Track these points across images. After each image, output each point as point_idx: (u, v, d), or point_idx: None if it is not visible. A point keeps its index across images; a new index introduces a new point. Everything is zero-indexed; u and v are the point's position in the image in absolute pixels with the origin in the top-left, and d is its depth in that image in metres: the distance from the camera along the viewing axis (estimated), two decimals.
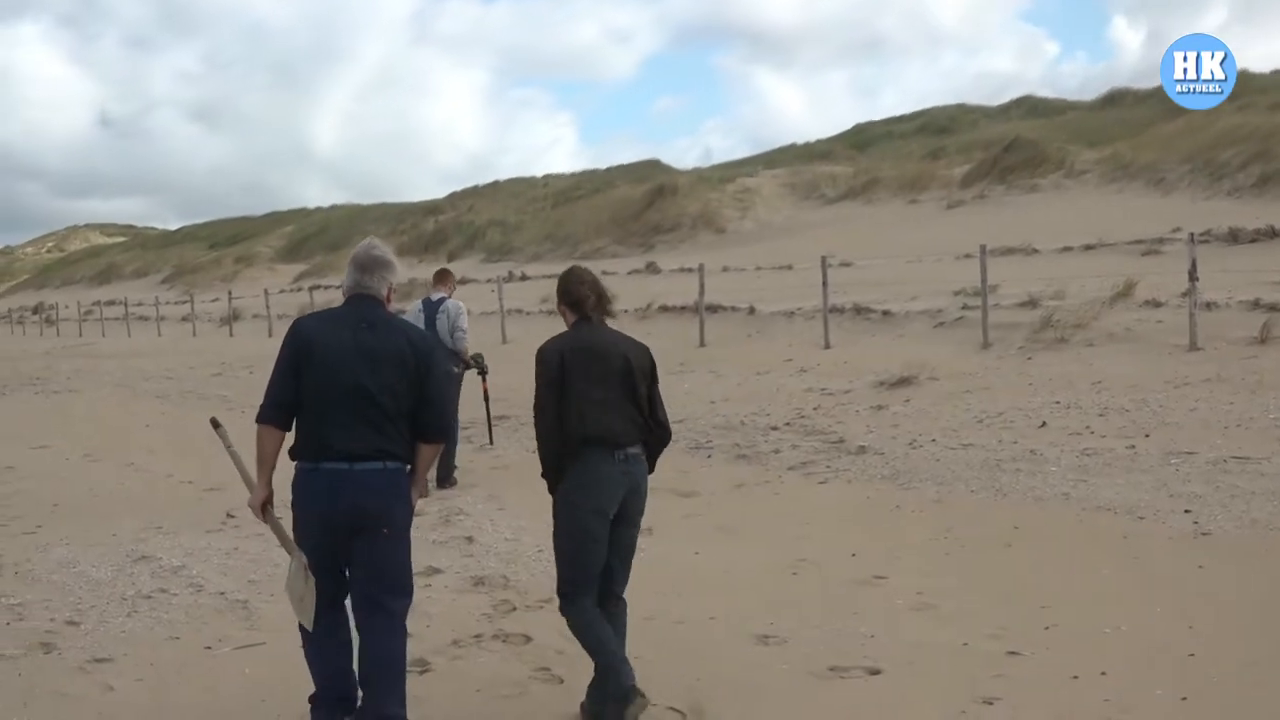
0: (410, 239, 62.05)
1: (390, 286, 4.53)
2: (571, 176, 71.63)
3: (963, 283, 18.71)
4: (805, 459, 10.03)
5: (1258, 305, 14.37)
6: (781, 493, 8.97)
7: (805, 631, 5.57)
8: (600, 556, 4.56)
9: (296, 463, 4.34)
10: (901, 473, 9.22)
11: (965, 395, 12.46)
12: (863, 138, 62.53)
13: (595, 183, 64.43)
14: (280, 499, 4.43)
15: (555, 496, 4.60)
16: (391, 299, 4.57)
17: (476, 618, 6.00)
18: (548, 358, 4.55)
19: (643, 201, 50.42)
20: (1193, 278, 13.92)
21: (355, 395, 4.24)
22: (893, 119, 66.73)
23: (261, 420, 4.33)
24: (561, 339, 4.62)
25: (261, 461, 4.36)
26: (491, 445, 11.01)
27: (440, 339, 9.64)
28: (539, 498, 4.78)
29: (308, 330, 4.38)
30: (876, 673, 5.01)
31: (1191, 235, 15.13)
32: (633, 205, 50.85)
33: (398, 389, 4.30)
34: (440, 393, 4.52)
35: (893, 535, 7.42)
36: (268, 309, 35.90)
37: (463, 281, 11.56)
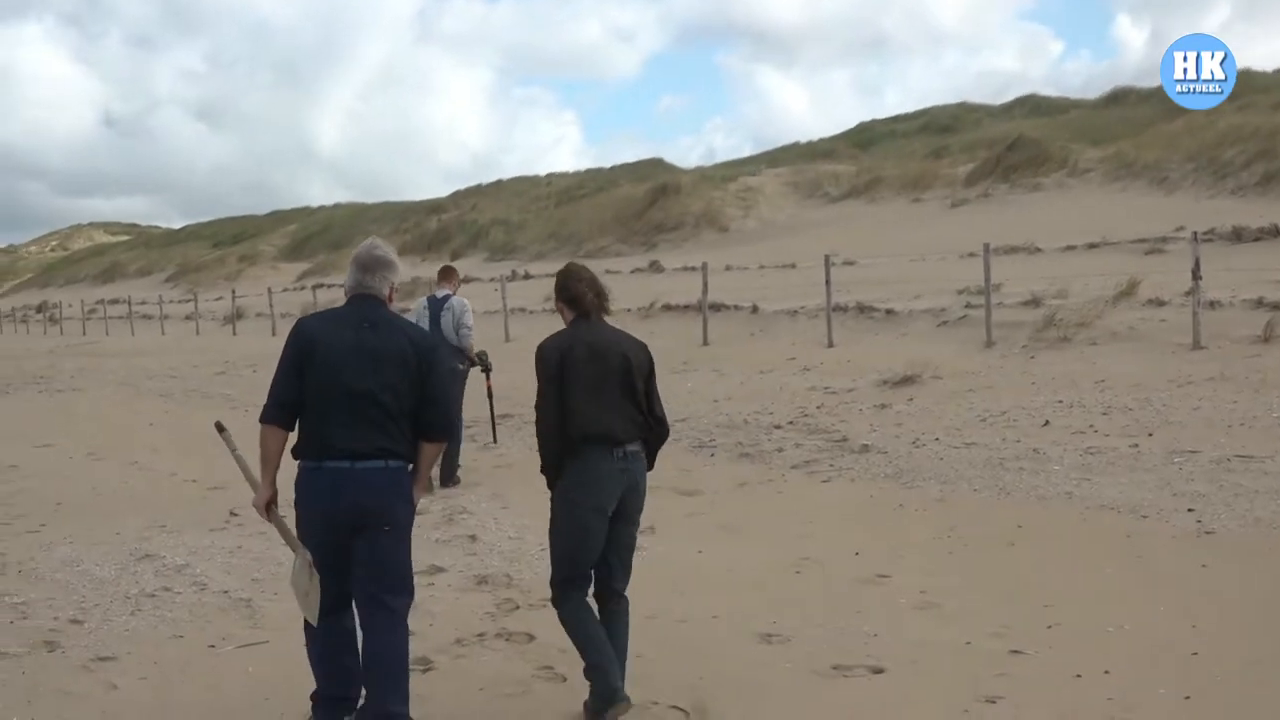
0: (413, 238, 62.11)
1: (392, 286, 4.54)
2: (575, 175, 71.68)
3: (966, 281, 18.70)
4: (808, 458, 10.03)
5: (1261, 304, 14.34)
6: (785, 491, 8.97)
7: (808, 630, 5.57)
8: (595, 553, 4.57)
9: (299, 462, 4.36)
10: (904, 471, 9.22)
11: (968, 394, 12.45)
12: (866, 136, 62.50)
13: (598, 181, 64.45)
14: (284, 498, 4.46)
15: (554, 492, 4.61)
16: (394, 298, 4.58)
17: (480, 616, 6.01)
18: (548, 355, 4.55)
19: (646, 200, 50.41)
20: (1196, 277, 13.90)
21: (357, 394, 4.26)
22: (896, 118, 66.74)
23: (265, 420, 4.35)
24: (560, 337, 4.62)
25: (265, 461, 4.38)
26: (495, 443, 11.02)
27: (445, 336, 9.65)
28: (542, 496, 4.78)
29: (310, 330, 4.40)
30: (880, 671, 5.01)
31: (1195, 234, 15.08)
32: (636, 204, 50.83)
33: (400, 388, 4.31)
34: (443, 391, 4.53)
35: (896, 534, 7.42)
36: (271, 308, 35.91)
37: (466, 280, 11.55)
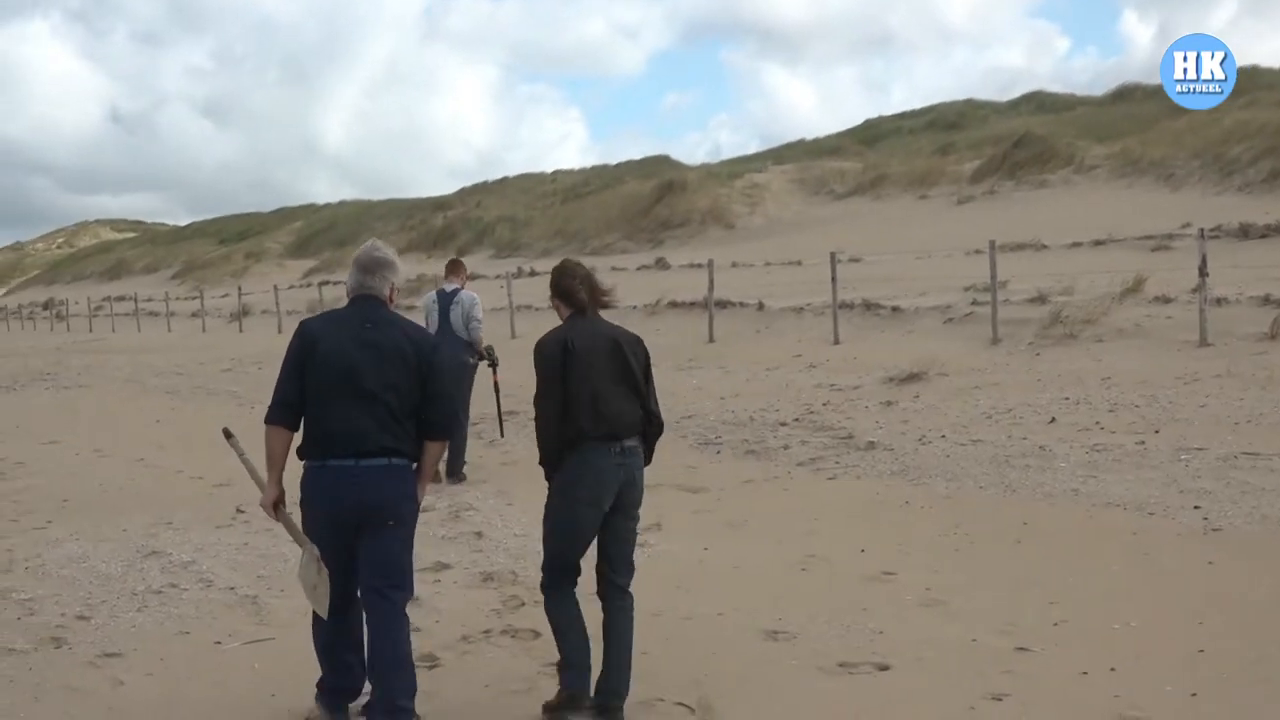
0: (419, 235, 62.19)
1: (392, 286, 4.59)
2: (580, 172, 71.71)
3: (972, 278, 18.69)
4: (814, 455, 10.02)
5: (1268, 301, 14.32)
6: (790, 488, 8.96)
7: (814, 627, 5.56)
8: (585, 545, 4.61)
9: (304, 462, 4.42)
10: (910, 469, 9.21)
11: (974, 391, 12.44)
12: (872, 133, 62.40)
13: (604, 178, 64.45)
14: (292, 497, 4.51)
15: (551, 485, 4.64)
16: (395, 298, 4.62)
17: (485, 613, 6.01)
18: (547, 351, 4.56)
19: (652, 197, 50.42)
20: (1203, 273, 13.88)
21: (360, 393, 4.31)
22: (902, 115, 66.60)
23: (269, 421, 4.42)
24: (559, 332, 4.64)
25: (271, 461, 4.44)
26: (502, 438, 11.02)
27: (455, 330, 9.66)
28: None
29: (313, 331, 4.46)
30: (885, 668, 5.01)
31: (1201, 231, 15.08)
32: (642, 201, 50.84)
33: (402, 387, 4.36)
34: (445, 390, 4.57)
35: (902, 531, 7.41)
36: (277, 305, 35.93)
37: (472, 277, 11.55)
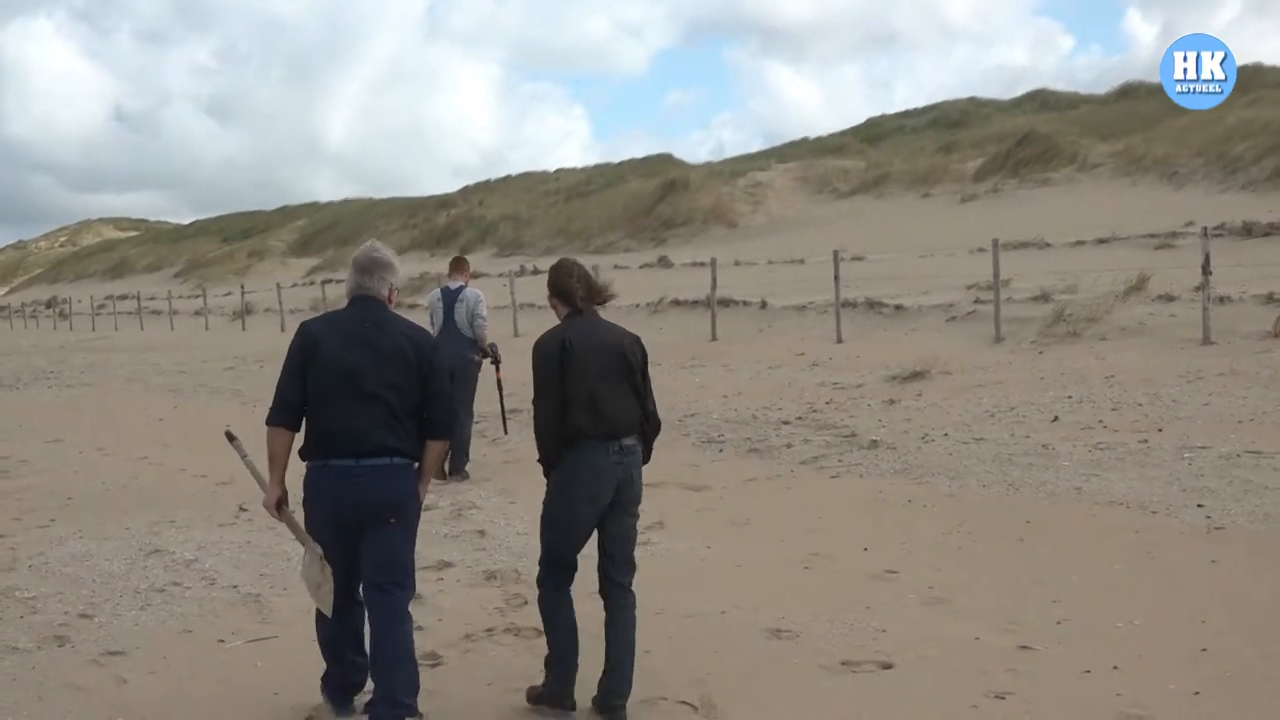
0: (422, 233, 62.19)
1: (391, 286, 4.61)
2: (583, 171, 71.64)
3: (975, 277, 18.67)
4: (817, 453, 10.01)
5: (1271, 299, 14.30)
6: (793, 487, 8.96)
7: (817, 625, 5.57)
8: (581, 541, 4.63)
9: (306, 462, 4.44)
10: (913, 467, 9.20)
11: (977, 389, 12.43)
12: (875, 132, 62.29)
13: (607, 177, 64.40)
14: (295, 497, 4.53)
15: (549, 482, 4.66)
16: (394, 299, 4.65)
17: (488, 611, 6.01)
18: (546, 350, 4.58)
19: (654, 196, 50.38)
20: (1206, 272, 13.86)
21: (361, 394, 4.35)
22: (905, 113, 66.46)
23: (270, 422, 4.46)
24: (557, 332, 4.65)
25: (272, 462, 4.48)
26: (506, 435, 11.02)
27: (459, 328, 9.68)
28: None
29: (313, 332, 4.49)
30: (888, 667, 5.01)
31: (1205, 229, 15.07)
32: (644, 199, 50.80)
33: (402, 386, 4.40)
34: (445, 389, 4.59)
35: (905, 529, 7.41)
36: (280, 303, 35.94)
37: (475, 275, 11.55)
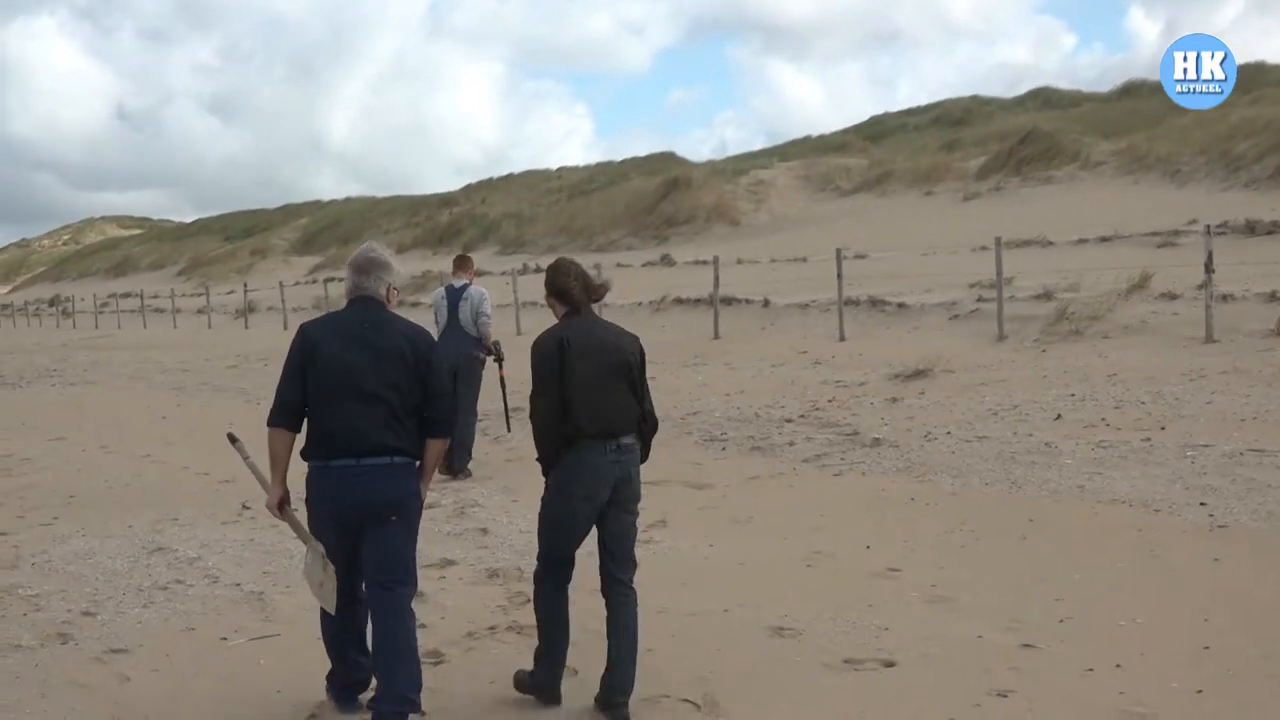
0: (424, 231, 62.25)
1: (388, 286, 4.63)
2: (586, 169, 71.69)
3: (978, 275, 18.67)
4: (820, 451, 10.01)
5: (1274, 297, 14.30)
6: (796, 485, 8.96)
7: (819, 624, 5.57)
8: (579, 538, 4.66)
9: (309, 462, 4.47)
10: (916, 465, 9.20)
11: (980, 388, 12.42)
12: (878, 130, 62.28)
13: (609, 175, 64.43)
14: (299, 495, 4.54)
15: (548, 480, 4.69)
16: (393, 298, 4.66)
17: (491, 609, 6.02)
18: (545, 350, 4.59)
19: (657, 194, 50.39)
20: (1209, 270, 13.86)
21: (360, 394, 4.38)
22: (908, 111, 66.45)
23: (271, 424, 4.50)
24: (555, 331, 4.66)
25: (274, 463, 4.52)
26: (509, 433, 11.02)
27: (463, 326, 9.70)
28: None
29: (313, 334, 4.52)
30: (891, 665, 5.01)
31: (1208, 227, 15.05)
32: (647, 198, 50.81)
33: (402, 386, 4.42)
34: (444, 387, 4.62)
35: (907, 528, 7.40)
36: (283, 301, 35.98)
37: (478, 273, 11.55)
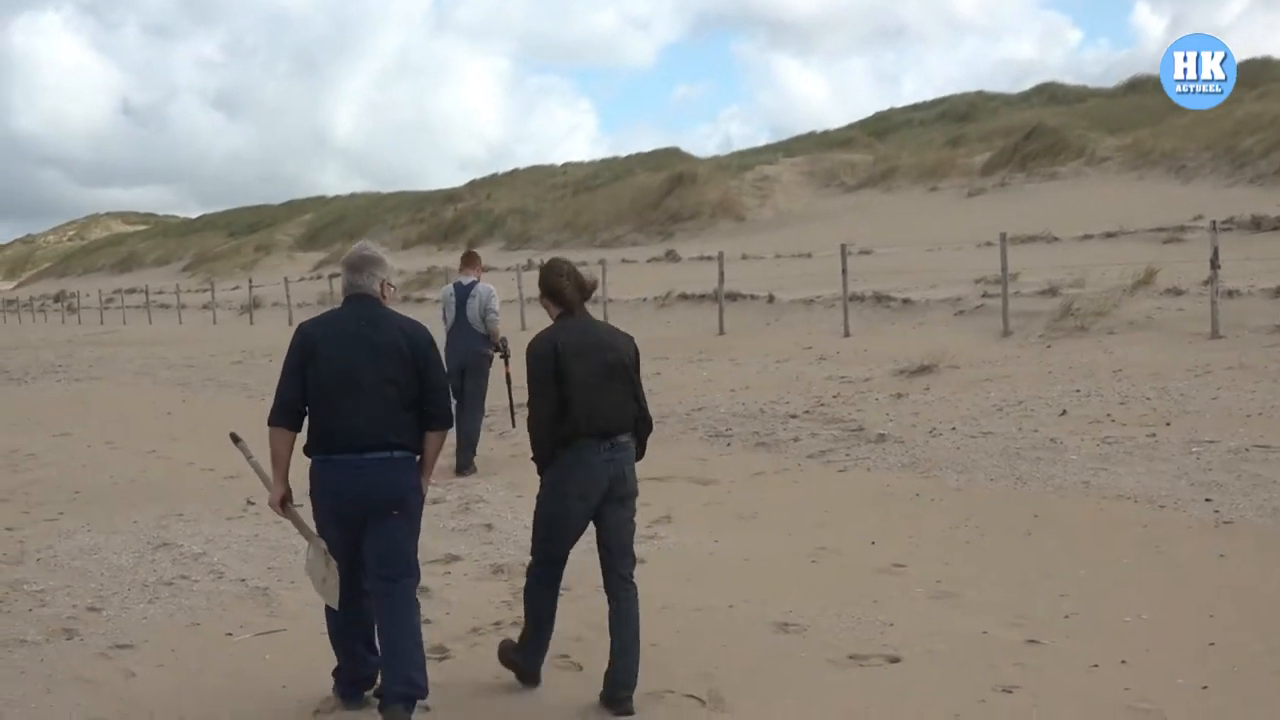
0: (429, 227, 62.30)
1: (383, 282, 4.65)
2: (591, 164, 71.72)
3: (983, 271, 18.65)
4: (825, 447, 10.00)
5: None
6: (801, 481, 8.95)
7: (824, 619, 5.56)
8: (572, 535, 4.71)
9: (311, 458, 4.50)
10: (921, 461, 9.19)
11: (985, 383, 12.41)
12: (883, 125, 62.27)
13: (614, 170, 64.45)
14: (301, 490, 4.56)
15: (543, 479, 4.73)
16: (388, 294, 4.69)
17: (496, 605, 6.02)
18: (541, 351, 4.61)
19: (662, 189, 50.40)
20: (1214, 265, 13.83)
21: (360, 390, 4.42)
22: (913, 106, 66.47)
23: (272, 423, 4.54)
24: (549, 332, 4.68)
25: (275, 461, 4.56)
26: (514, 429, 11.03)
27: (471, 322, 9.72)
28: None
29: (311, 333, 4.56)
30: (896, 661, 5.01)
31: (1213, 223, 15.01)
32: (652, 193, 50.82)
33: (400, 381, 4.46)
34: (441, 381, 4.64)
35: (912, 523, 7.40)
36: (288, 297, 36.03)
37: (484, 269, 11.55)
